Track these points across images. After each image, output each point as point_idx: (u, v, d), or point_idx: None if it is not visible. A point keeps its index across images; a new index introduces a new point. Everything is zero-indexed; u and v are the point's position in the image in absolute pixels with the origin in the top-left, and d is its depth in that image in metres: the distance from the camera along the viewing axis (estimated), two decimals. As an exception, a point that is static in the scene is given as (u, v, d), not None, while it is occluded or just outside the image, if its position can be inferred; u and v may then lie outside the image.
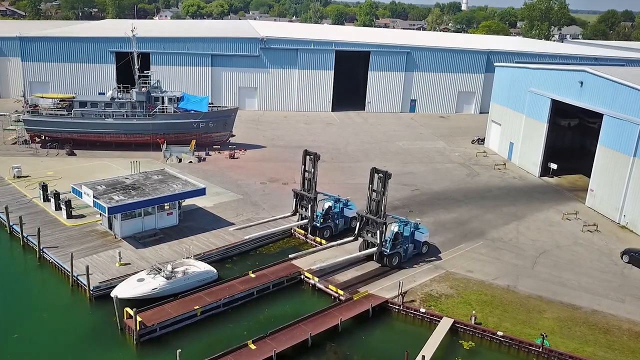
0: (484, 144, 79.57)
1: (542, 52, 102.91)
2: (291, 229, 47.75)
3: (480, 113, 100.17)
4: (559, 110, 65.64)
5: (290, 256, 41.60)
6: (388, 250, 41.18)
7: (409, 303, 37.17)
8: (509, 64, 78.64)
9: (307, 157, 45.85)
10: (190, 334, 34.12)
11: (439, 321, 35.41)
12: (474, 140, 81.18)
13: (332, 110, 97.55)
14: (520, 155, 69.46)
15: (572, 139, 74.13)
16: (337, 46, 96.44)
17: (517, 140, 69.96)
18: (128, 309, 33.43)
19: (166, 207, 46.39)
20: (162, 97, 68.00)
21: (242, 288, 37.96)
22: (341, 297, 37.92)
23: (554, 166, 64.86)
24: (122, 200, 43.39)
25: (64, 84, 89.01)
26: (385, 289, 38.86)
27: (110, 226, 45.12)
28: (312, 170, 45.57)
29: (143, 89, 67.65)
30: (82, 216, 48.01)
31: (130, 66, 68.60)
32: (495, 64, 79.15)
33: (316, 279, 39.76)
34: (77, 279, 38.44)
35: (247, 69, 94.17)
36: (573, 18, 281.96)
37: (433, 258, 43.64)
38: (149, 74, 68.83)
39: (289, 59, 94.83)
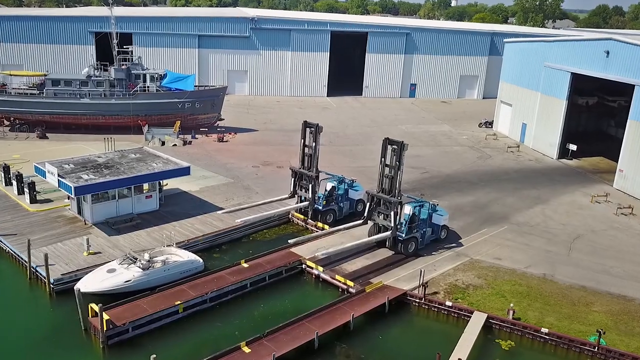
0: (492, 127, 73.98)
1: (548, 34, 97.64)
2: (289, 213, 41.79)
3: (483, 98, 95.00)
4: (575, 89, 60.03)
5: (289, 242, 35.20)
6: (404, 235, 35.24)
7: (431, 295, 31.43)
8: (520, 39, 72.98)
9: (308, 130, 39.62)
10: (170, 334, 28.06)
11: (470, 317, 29.64)
12: (481, 123, 75.60)
13: (327, 95, 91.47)
14: (534, 136, 63.75)
15: (588, 119, 68.85)
16: (333, 27, 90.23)
17: (531, 120, 64.31)
18: (93, 305, 27.36)
19: (145, 189, 40.40)
20: (144, 75, 61.82)
21: (233, 280, 32.03)
22: (351, 290, 32.07)
23: (573, 147, 59.27)
24: (91, 179, 37.21)
25: (40, 66, 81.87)
26: (401, 280, 33.07)
27: (80, 211, 38.98)
28: (313, 144, 39.45)
29: (123, 66, 61.51)
30: (48, 200, 41.89)
31: (111, 48, 62.27)
32: (505, 40, 73.34)
33: (320, 268, 33.88)
34: (36, 271, 32.33)
35: (236, 50, 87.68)
36: (565, 12, 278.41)
37: (453, 244, 37.90)
38: (129, 49, 62.68)
39: (281, 40, 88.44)
